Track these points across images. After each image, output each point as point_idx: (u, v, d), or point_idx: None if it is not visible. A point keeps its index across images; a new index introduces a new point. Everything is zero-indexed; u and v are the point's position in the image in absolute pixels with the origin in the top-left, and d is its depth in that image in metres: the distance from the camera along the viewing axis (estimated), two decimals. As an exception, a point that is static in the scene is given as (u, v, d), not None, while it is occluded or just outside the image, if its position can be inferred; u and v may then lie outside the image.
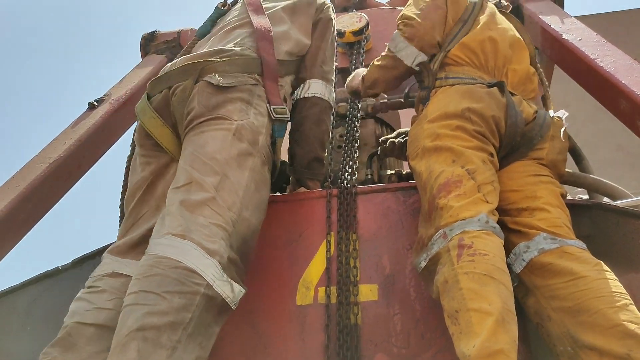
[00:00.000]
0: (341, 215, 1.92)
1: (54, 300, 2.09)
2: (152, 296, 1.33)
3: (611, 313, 1.33)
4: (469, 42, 1.96)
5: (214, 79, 1.74)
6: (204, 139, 1.64)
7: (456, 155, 1.67)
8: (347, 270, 1.78)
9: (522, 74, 1.98)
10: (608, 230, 1.76)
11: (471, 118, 1.74)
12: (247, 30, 2.02)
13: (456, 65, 1.96)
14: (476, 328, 1.29)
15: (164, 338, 1.28)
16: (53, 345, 1.53)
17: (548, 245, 1.53)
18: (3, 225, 1.99)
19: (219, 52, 1.87)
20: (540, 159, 1.80)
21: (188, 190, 1.53)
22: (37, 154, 2.31)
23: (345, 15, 3.10)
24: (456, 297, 1.37)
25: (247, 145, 1.67)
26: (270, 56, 1.92)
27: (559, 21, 2.43)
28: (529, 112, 1.85)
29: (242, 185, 1.59)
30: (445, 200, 1.57)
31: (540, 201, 1.66)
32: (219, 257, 1.44)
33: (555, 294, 1.46)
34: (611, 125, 3.78)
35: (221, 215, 1.50)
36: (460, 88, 1.85)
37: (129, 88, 2.69)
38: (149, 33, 3.17)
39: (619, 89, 1.94)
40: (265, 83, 1.86)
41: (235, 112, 1.71)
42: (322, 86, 2.11)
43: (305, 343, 1.67)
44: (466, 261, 1.41)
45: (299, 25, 2.12)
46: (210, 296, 1.40)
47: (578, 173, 2.19)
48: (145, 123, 1.82)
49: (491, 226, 1.50)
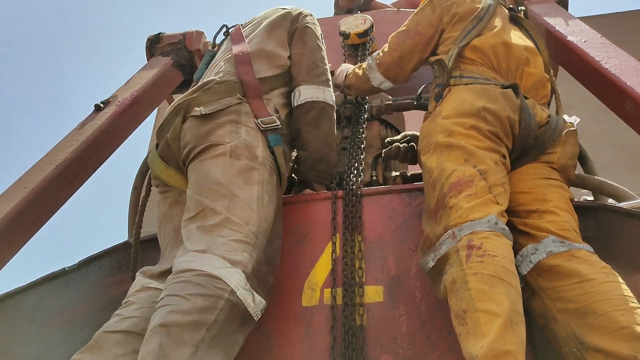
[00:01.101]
0: (346, 217, 1.92)
1: (60, 301, 2.11)
2: (176, 298, 1.39)
3: (618, 315, 1.33)
4: (480, 45, 1.97)
5: (197, 112, 1.83)
6: (205, 167, 1.72)
7: (468, 154, 1.67)
8: (352, 271, 1.78)
9: (537, 78, 1.98)
10: (613, 231, 1.76)
11: (486, 118, 1.74)
12: (227, 58, 2.12)
13: (471, 64, 1.97)
14: (484, 329, 1.29)
15: (186, 336, 1.32)
16: (81, 352, 1.57)
17: (557, 248, 1.53)
18: (11, 226, 2.00)
19: (201, 87, 1.95)
20: (551, 163, 1.80)
21: (203, 218, 1.61)
22: (44, 156, 2.32)
23: (350, 17, 3.11)
24: (464, 298, 1.37)
25: (246, 161, 1.73)
26: (249, 77, 2.00)
27: (563, 23, 2.43)
28: (542, 116, 1.85)
29: (253, 200, 1.66)
30: (455, 200, 1.57)
31: (549, 204, 1.66)
32: (242, 266, 1.50)
33: (562, 296, 1.46)
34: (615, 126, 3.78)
35: (239, 231, 1.56)
36: (476, 87, 1.86)
37: (134, 90, 2.69)
38: (154, 35, 3.18)
39: (623, 91, 1.94)
40: (249, 101, 1.92)
41: (226, 135, 1.78)
42: (314, 90, 2.11)
43: (311, 344, 1.67)
44: (475, 262, 1.41)
45: (274, 39, 2.19)
46: (234, 303, 1.44)
47: (583, 174, 2.19)
48: (154, 170, 1.94)
49: (500, 228, 1.50)
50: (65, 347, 1.93)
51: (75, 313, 2.04)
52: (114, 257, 2.19)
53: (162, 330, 1.33)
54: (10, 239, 2.03)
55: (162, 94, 2.96)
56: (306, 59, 2.16)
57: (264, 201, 1.68)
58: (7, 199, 2.09)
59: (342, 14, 3.55)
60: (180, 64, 3.02)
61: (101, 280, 2.14)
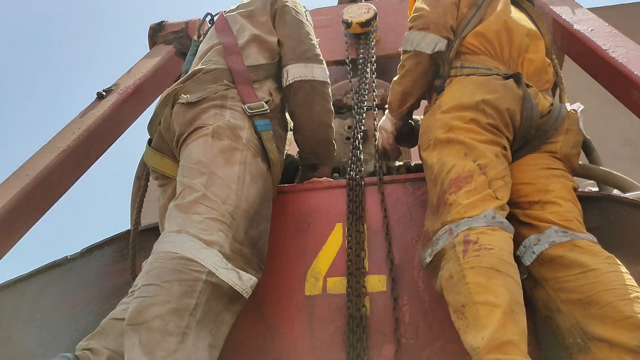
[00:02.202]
0: (350, 206, 1.92)
1: (63, 289, 2.11)
2: (152, 288, 1.37)
3: (622, 305, 1.33)
4: (484, 31, 1.94)
5: (183, 99, 1.82)
6: (189, 150, 1.73)
7: (468, 148, 1.66)
8: (355, 261, 1.78)
9: (538, 64, 1.96)
10: (618, 222, 1.76)
11: (485, 110, 1.72)
12: (215, 49, 2.08)
13: (472, 54, 1.93)
14: (484, 321, 1.29)
15: (170, 325, 1.31)
16: (87, 339, 1.58)
17: (559, 238, 1.53)
18: (13, 214, 2.00)
19: (189, 76, 1.94)
20: (553, 152, 1.79)
21: (182, 197, 1.61)
22: (46, 144, 2.31)
23: (354, 6, 3.07)
24: (462, 292, 1.37)
25: (228, 141, 1.72)
26: (238, 65, 1.97)
27: (570, 12, 2.41)
28: (545, 105, 1.83)
29: (233, 179, 1.64)
30: (455, 196, 1.57)
31: (552, 195, 1.65)
32: (218, 246, 1.48)
33: (565, 287, 1.45)
34: (619, 119, 3.76)
35: (215, 209, 1.55)
36: (476, 79, 1.83)
37: (137, 78, 2.68)
38: (157, 23, 3.16)
39: (631, 80, 1.92)
40: (237, 87, 1.90)
41: (210, 118, 1.78)
42: (301, 68, 2.03)
43: (314, 333, 1.67)
44: (472, 256, 1.41)
45: (260, 26, 2.14)
46: (215, 284, 1.43)
47: (588, 165, 2.18)
48: (150, 163, 1.95)
49: (498, 221, 1.50)
50: (68, 334, 1.94)
51: (78, 301, 2.04)
52: (116, 245, 2.19)
53: (141, 328, 1.30)
54: (12, 226, 2.04)
55: (165, 83, 2.94)
56: (288, 38, 2.10)
57: (245, 182, 1.65)
58: (9, 186, 2.09)
59: (345, 3, 3.52)
60: (182, 52, 3.01)
61: (103, 268, 2.14)
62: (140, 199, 2.10)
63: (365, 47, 2.85)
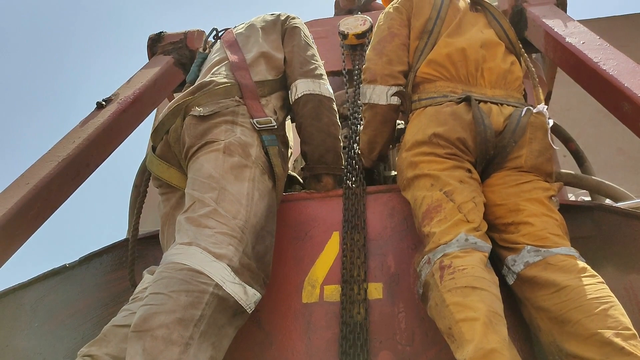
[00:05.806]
0: (346, 215, 1.95)
1: (61, 298, 2.12)
2: (159, 297, 1.39)
3: (588, 322, 1.37)
4: (435, 57, 1.97)
5: (196, 111, 1.85)
6: (199, 163, 1.75)
7: (433, 179, 1.74)
8: (352, 268, 1.80)
9: (500, 69, 1.97)
10: (610, 231, 1.78)
11: (439, 143, 1.78)
12: (224, 63, 2.14)
13: (428, 82, 1.97)
14: (467, 335, 1.35)
15: (175, 335, 1.32)
16: (89, 345, 1.60)
17: (532, 258, 1.57)
18: (13, 222, 2.00)
19: (200, 88, 1.98)
20: (519, 167, 1.78)
21: (193, 210, 1.63)
22: (46, 153, 2.32)
23: (351, 18, 3.13)
24: (446, 315, 1.43)
25: (239, 158, 1.75)
26: (247, 80, 2.02)
27: (562, 25, 2.44)
28: (499, 122, 1.82)
29: (243, 195, 1.67)
30: (429, 227, 1.65)
31: (523, 214, 1.67)
32: (227, 260, 1.50)
33: (542, 305, 1.49)
34: (612, 128, 3.81)
35: (226, 224, 1.57)
36: (430, 111, 1.88)
37: (136, 88, 2.70)
38: (155, 34, 3.18)
39: (621, 92, 1.95)
40: (246, 102, 1.95)
41: (222, 133, 1.81)
42: (309, 83, 2.13)
43: (311, 341, 1.69)
44: (447, 279, 1.48)
45: (269, 43, 2.23)
46: (221, 297, 1.44)
47: (580, 175, 2.21)
48: (154, 171, 1.95)
49: (471, 243, 1.56)
50: (67, 342, 1.95)
51: (77, 309, 2.05)
52: (115, 253, 2.21)
53: (145, 335, 1.31)
54: (12, 235, 2.04)
55: (164, 93, 2.97)
56: (297, 56, 2.20)
57: (254, 198, 1.69)
58: (10, 195, 2.10)
59: (342, 15, 3.57)
60: (181, 62, 3.03)
61: (102, 276, 2.16)
62: (138, 208, 2.11)
63: (361, 58, 2.89)
